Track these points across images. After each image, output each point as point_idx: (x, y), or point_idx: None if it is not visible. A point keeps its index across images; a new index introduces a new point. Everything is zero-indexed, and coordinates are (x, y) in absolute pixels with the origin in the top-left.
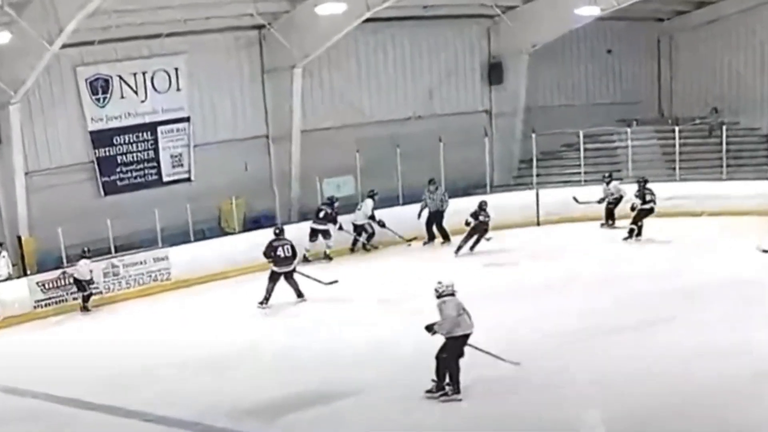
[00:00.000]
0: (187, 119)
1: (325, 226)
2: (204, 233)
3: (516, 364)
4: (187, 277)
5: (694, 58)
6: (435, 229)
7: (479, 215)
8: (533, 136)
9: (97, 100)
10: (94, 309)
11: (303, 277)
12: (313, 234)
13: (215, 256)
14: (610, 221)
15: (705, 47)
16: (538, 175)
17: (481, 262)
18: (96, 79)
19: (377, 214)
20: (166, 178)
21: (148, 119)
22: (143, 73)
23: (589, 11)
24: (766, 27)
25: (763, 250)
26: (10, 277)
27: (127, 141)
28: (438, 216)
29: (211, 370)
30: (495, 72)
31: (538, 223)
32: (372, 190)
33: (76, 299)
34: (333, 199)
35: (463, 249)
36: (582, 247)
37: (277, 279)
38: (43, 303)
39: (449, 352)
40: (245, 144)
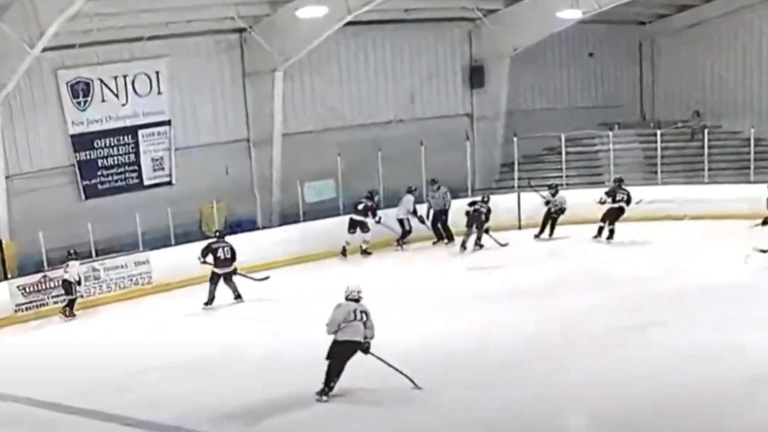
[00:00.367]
0: (168, 123)
1: (364, 218)
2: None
3: (419, 389)
4: (168, 280)
5: (676, 62)
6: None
7: (474, 204)
8: (515, 139)
9: (78, 103)
10: (75, 313)
11: (243, 277)
12: (351, 225)
13: (196, 260)
14: (549, 233)
15: (687, 51)
16: (519, 178)
17: (465, 266)
18: (77, 82)
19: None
20: (147, 182)
21: (129, 123)
22: (124, 77)
23: (571, 14)
24: (748, 31)
25: (761, 250)
26: None
27: (108, 144)
28: (442, 215)
29: (193, 374)
30: (476, 75)
31: (519, 227)
32: (411, 186)
33: (57, 303)
34: (373, 193)
35: (468, 244)
36: (564, 251)
37: (217, 280)
38: (24, 307)
39: (330, 353)
40: (226, 148)
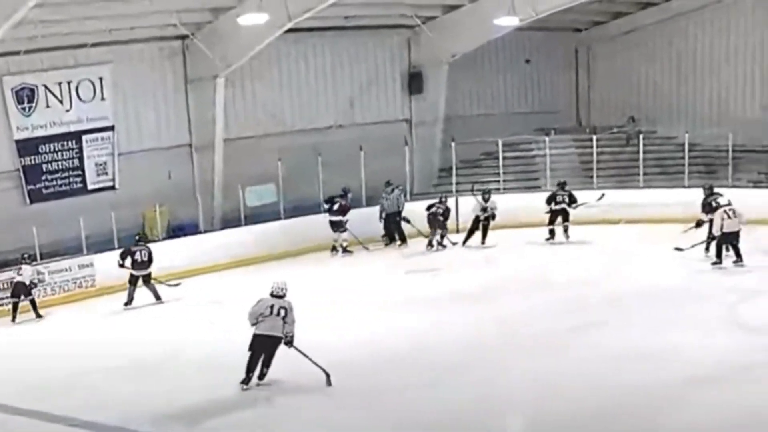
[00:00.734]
0: (111, 128)
1: (341, 218)
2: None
3: (328, 385)
4: (112, 283)
5: (612, 68)
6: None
7: (432, 206)
8: (453, 144)
9: (23, 109)
10: (20, 315)
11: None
12: (332, 226)
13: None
14: (481, 240)
15: (622, 57)
16: (457, 183)
17: (404, 269)
18: (22, 88)
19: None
20: (90, 186)
21: (73, 128)
22: (68, 83)
23: (508, 21)
24: (683, 38)
25: (676, 248)
26: None
27: (52, 149)
28: (395, 216)
29: (136, 375)
30: (415, 82)
31: (457, 231)
32: (398, 185)
33: (1, 306)
34: (346, 190)
35: (434, 242)
36: (504, 255)
37: (135, 282)
38: None
39: (251, 345)
40: (169, 153)
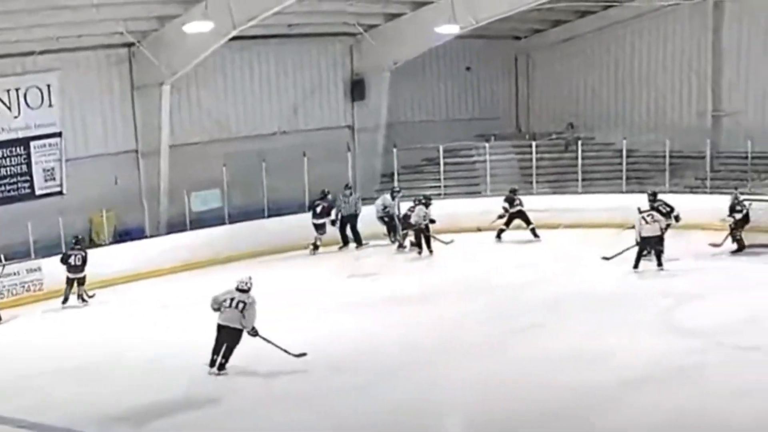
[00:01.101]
0: (59, 134)
1: (323, 220)
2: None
3: (303, 355)
4: (60, 287)
5: (551, 76)
6: (349, 232)
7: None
8: (394, 150)
9: None
10: None
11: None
12: (317, 229)
13: (87, 268)
14: (428, 249)
15: (561, 65)
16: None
17: (345, 273)
18: None
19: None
20: (38, 192)
21: (21, 134)
22: (16, 90)
23: (449, 29)
24: (621, 46)
25: (604, 258)
26: None
27: (0, 156)
28: (352, 220)
29: (83, 378)
30: (357, 88)
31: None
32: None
33: None
34: (326, 192)
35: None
36: (445, 259)
37: (71, 283)
38: None
39: (216, 332)
40: (115, 158)
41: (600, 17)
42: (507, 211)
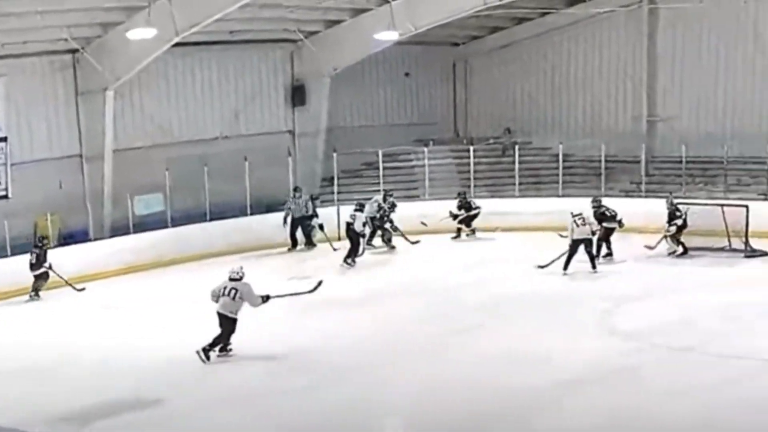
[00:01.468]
0: (4, 139)
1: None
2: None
3: (319, 284)
4: (7, 289)
5: (489, 81)
6: (301, 234)
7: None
8: (334, 155)
9: None
10: None
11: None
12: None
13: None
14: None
15: (499, 71)
16: (339, 192)
17: (285, 276)
18: None
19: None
20: None
21: None
22: None
23: (388, 36)
24: (557, 52)
25: (539, 266)
26: None
27: None
28: (302, 221)
29: (29, 378)
30: (298, 94)
31: (339, 238)
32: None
33: None
34: (313, 196)
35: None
36: (386, 262)
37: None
38: None
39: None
40: (60, 163)
41: (537, 24)
42: (468, 212)
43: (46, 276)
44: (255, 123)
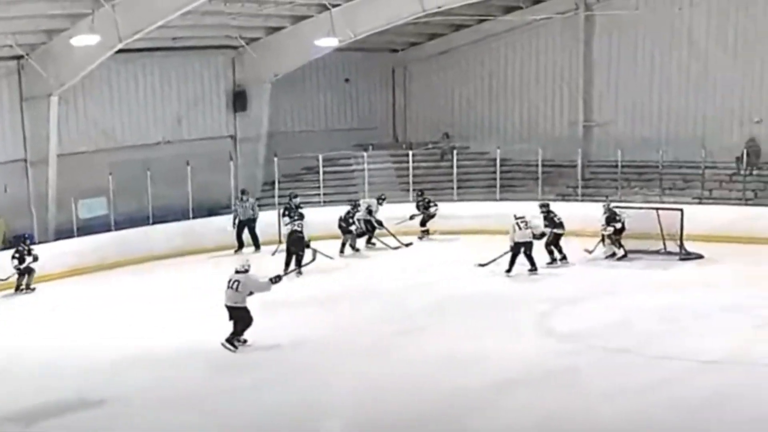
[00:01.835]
0: None
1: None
2: None
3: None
4: None
5: (427, 87)
6: (248, 236)
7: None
8: (275, 159)
9: None
10: None
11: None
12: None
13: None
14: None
15: (437, 77)
16: (280, 196)
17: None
18: None
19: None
20: None
21: None
22: None
23: (328, 43)
24: (495, 58)
25: (479, 265)
26: None
27: None
28: (250, 224)
29: None
30: (239, 100)
31: (279, 241)
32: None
33: None
34: (291, 195)
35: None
36: (331, 266)
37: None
38: None
39: None
40: (5, 167)
41: (474, 31)
42: (426, 211)
43: (30, 270)
44: (197, 128)
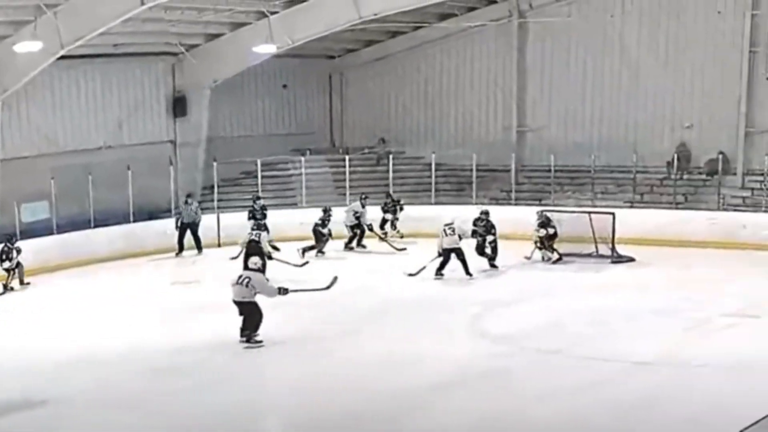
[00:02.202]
0: None
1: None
2: None
3: (335, 280)
4: None
5: (364, 93)
6: (190, 238)
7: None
8: (215, 164)
9: None
10: None
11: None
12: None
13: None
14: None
15: (374, 83)
16: (219, 200)
17: (169, 280)
18: None
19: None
20: None
21: None
22: None
23: (266, 49)
24: (430, 64)
25: (409, 274)
26: None
27: None
28: (193, 227)
29: None
30: (179, 105)
31: (219, 245)
32: (362, 195)
33: None
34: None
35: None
36: (274, 269)
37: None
38: None
39: None
40: None
41: (410, 37)
42: (393, 215)
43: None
44: (138, 133)
